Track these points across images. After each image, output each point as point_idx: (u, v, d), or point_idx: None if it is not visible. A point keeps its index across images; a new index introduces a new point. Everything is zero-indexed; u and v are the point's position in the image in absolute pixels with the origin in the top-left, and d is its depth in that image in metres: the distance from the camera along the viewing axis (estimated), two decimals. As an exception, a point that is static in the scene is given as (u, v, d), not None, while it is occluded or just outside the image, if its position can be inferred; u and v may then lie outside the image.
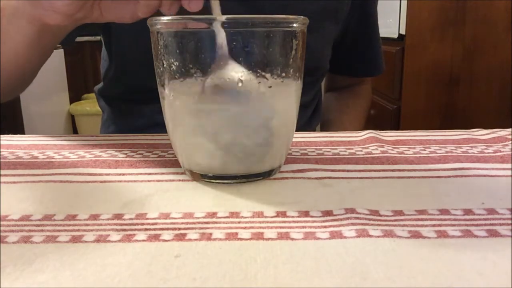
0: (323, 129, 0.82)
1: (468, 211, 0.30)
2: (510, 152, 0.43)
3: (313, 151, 0.44)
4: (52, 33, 0.49)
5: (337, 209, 0.30)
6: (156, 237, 0.27)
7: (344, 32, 0.74)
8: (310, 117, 0.75)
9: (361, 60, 0.81)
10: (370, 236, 0.27)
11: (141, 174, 0.38)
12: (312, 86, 0.72)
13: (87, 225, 0.28)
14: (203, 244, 0.26)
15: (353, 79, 0.86)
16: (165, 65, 0.34)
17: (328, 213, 0.30)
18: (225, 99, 0.34)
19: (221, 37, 0.32)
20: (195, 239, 0.26)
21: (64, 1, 0.41)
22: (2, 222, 0.29)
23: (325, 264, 0.24)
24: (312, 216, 0.29)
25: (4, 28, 0.47)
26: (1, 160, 0.42)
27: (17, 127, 2.03)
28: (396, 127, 1.64)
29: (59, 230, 0.28)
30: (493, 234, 0.27)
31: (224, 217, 0.29)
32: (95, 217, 0.30)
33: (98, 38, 0.98)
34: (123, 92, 0.68)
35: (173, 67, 0.33)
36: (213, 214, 0.30)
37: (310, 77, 0.66)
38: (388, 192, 0.34)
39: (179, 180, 0.36)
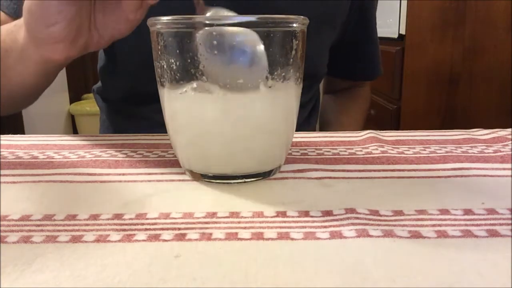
0: (322, 130, 0.82)
1: (468, 211, 0.30)
2: (510, 152, 0.43)
3: (313, 151, 0.44)
4: (59, 66, 0.50)
5: (337, 209, 0.30)
6: (156, 237, 0.27)
7: (342, 37, 0.74)
8: (308, 116, 0.75)
9: (359, 64, 0.81)
10: (370, 236, 0.26)
11: (141, 174, 0.38)
12: (309, 89, 0.72)
13: (87, 225, 0.28)
14: (203, 244, 0.26)
15: (351, 81, 0.86)
16: (165, 66, 0.34)
17: (328, 213, 0.30)
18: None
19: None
20: (195, 239, 0.26)
21: (58, 24, 0.41)
22: (2, 222, 0.29)
23: (325, 264, 0.24)
24: (312, 216, 0.29)
25: (13, 65, 0.49)
26: (1, 160, 0.42)
27: (17, 127, 2.03)
28: (396, 127, 1.64)
29: (59, 230, 0.28)
30: (493, 234, 0.27)
31: (224, 217, 0.29)
32: (95, 217, 0.30)
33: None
34: (122, 92, 0.68)
35: (173, 67, 0.33)
36: (213, 214, 0.30)
37: (307, 81, 0.66)
38: (388, 192, 0.34)
39: (179, 180, 0.36)
